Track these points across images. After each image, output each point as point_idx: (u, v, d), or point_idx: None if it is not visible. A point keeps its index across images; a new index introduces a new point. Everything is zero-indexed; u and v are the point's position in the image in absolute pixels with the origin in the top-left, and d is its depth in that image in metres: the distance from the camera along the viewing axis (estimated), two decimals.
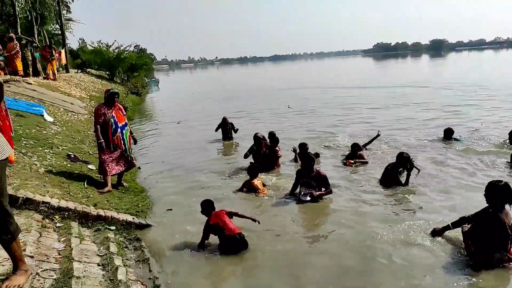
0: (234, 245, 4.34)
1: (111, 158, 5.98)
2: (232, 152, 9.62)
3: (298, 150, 7.84)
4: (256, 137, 7.73)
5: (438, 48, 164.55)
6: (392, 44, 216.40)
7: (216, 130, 10.78)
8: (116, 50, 29.32)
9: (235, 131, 10.79)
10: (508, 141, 8.26)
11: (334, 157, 8.23)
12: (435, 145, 8.68)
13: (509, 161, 6.88)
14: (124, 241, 4.53)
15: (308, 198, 5.62)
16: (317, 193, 5.69)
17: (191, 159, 8.74)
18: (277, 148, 7.60)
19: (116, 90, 6.17)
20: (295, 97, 20.88)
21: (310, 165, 5.86)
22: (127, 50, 30.43)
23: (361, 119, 12.67)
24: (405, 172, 6.21)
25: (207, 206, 4.73)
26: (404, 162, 6.13)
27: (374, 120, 12.36)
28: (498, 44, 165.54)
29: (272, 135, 8.05)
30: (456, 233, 4.34)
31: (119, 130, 6.00)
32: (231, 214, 4.68)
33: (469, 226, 4.11)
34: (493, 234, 3.72)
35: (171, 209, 5.68)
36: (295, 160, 7.90)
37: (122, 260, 3.92)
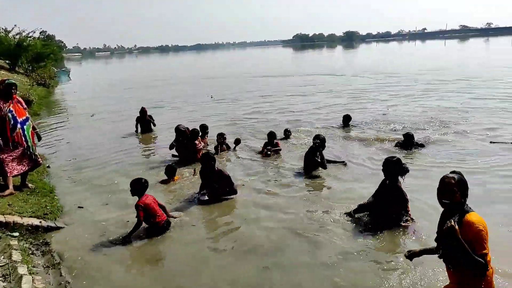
0: (159, 232, 4.51)
1: (11, 158, 5.38)
2: (150, 145, 9.19)
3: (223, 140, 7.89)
4: (177, 130, 7.55)
5: (350, 39, 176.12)
6: (310, 35, 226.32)
7: (136, 126, 10.23)
8: (17, 37, 26.11)
9: (154, 125, 10.37)
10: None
11: (252, 147, 8.36)
12: (335, 132, 9.23)
13: (395, 145, 7.70)
14: (30, 247, 4.16)
15: (206, 198, 5.44)
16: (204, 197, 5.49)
17: (106, 154, 8.24)
18: (196, 142, 7.47)
19: (13, 81, 5.52)
20: (218, 86, 20.88)
21: (209, 165, 5.52)
22: (30, 37, 27.27)
23: (281, 107, 13.14)
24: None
25: (141, 185, 4.61)
26: (321, 144, 6.48)
27: (294, 107, 12.90)
28: (401, 37, 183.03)
29: (202, 128, 8.12)
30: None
31: (19, 125, 5.40)
32: (160, 206, 4.73)
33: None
34: (394, 201, 4.27)
35: (82, 207, 5.40)
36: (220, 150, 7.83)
37: (28, 268, 3.59)
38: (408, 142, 7.40)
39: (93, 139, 9.73)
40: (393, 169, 4.37)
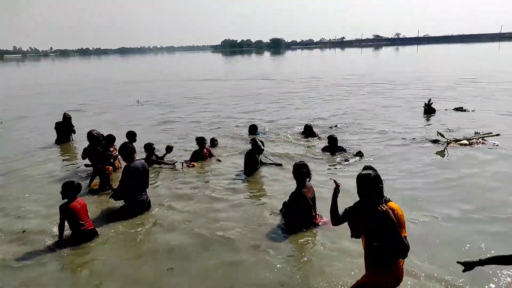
0: (83, 240, 4.42)
1: None
2: (69, 156, 8.57)
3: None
4: (89, 135, 7.01)
5: (277, 46, 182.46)
6: (238, 41, 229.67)
7: (57, 133, 9.39)
8: None
9: (74, 132, 9.64)
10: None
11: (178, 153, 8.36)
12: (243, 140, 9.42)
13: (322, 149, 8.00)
14: None
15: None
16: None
17: (23, 167, 7.61)
18: (111, 148, 7.15)
19: None
20: (143, 91, 20.31)
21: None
22: None
23: (207, 110, 13.24)
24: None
25: (73, 188, 4.47)
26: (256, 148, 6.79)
27: (218, 111, 13.08)
28: (323, 44, 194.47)
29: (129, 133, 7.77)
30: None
31: None
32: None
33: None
34: (300, 206, 4.59)
35: None
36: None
37: None
38: (333, 145, 7.77)
39: (3, 149, 8.86)
40: (299, 172, 4.69)
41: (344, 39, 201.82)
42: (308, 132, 9.25)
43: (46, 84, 28.15)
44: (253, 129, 9.62)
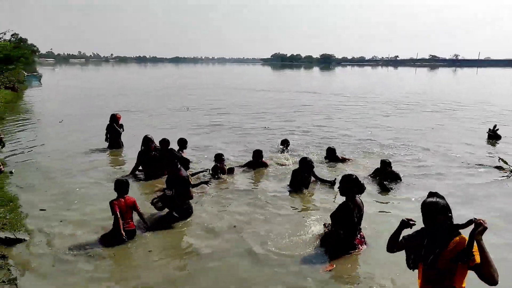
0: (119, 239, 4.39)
1: None
2: (119, 159, 8.68)
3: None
4: (145, 138, 7.18)
5: (327, 62, 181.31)
6: (287, 55, 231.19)
7: (106, 135, 9.26)
8: None
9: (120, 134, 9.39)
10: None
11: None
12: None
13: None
14: None
15: (160, 205, 5.17)
16: (169, 191, 5.14)
17: (72, 163, 7.91)
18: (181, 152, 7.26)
19: None
20: (193, 98, 20.78)
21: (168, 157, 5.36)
22: (0, 38, 26.35)
23: (260, 120, 13.16)
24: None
25: (118, 185, 4.60)
26: (306, 167, 6.52)
27: (269, 124, 12.92)
28: (375, 62, 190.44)
29: (180, 140, 7.85)
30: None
31: None
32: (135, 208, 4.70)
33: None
34: (345, 220, 4.22)
35: (44, 209, 5.30)
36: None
37: None
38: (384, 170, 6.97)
39: (60, 148, 9.28)
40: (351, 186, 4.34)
41: (397, 58, 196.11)
42: (331, 155, 8.23)
43: (102, 87, 29.79)
44: (285, 143, 9.14)
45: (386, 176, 6.84)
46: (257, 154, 7.66)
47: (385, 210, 5.65)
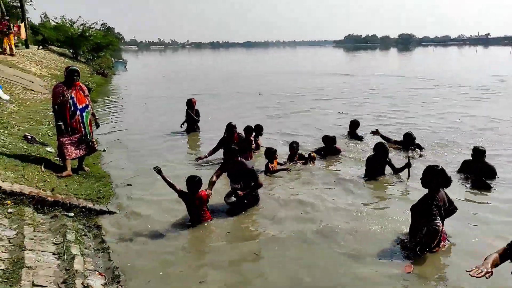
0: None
1: (69, 141, 5.66)
2: (196, 143, 9.03)
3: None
4: (228, 125, 7.31)
5: (406, 43, 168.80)
6: (362, 36, 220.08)
7: (182, 123, 9.61)
8: (81, 27, 27.83)
9: (197, 120, 9.71)
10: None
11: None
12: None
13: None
14: (83, 228, 4.32)
15: (233, 199, 5.04)
16: (241, 192, 4.98)
17: (157, 144, 8.46)
18: (251, 138, 7.27)
19: (76, 68, 5.78)
20: (268, 83, 20.84)
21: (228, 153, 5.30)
22: (92, 28, 28.95)
23: (332, 108, 12.80)
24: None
25: (194, 184, 4.57)
26: (381, 153, 6.19)
27: (345, 111, 12.50)
28: (461, 41, 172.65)
29: (256, 127, 7.80)
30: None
31: (78, 112, 5.65)
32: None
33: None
34: (428, 212, 3.84)
35: (130, 185, 5.74)
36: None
37: (80, 248, 3.73)
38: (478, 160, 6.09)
39: (145, 129, 10.00)
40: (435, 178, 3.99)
41: (489, 36, 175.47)
42: (408, 141, 7.47)
43: (180, 71, 31.33)
44: (354, 125, 8.72)
45: (478, 169, 5.97)
46: (330, 140, 7.46)
47: (478, 210, 5.07)
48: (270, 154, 6.60)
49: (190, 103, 9.67)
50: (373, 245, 4.13)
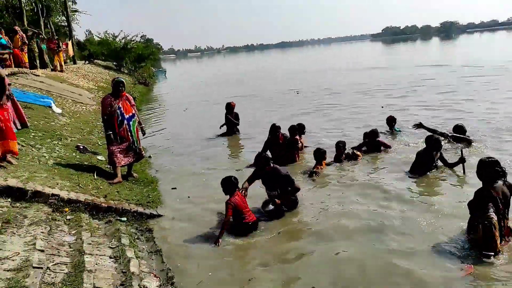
0: (247, 231, 4.44)
1: (119, 149, 5.89)
2: (237, 146, 9.06)
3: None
4: (272, 126, 7.21)
5: (448, 31, 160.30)
6: (401, 28, 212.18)
7: (221, 126, 9.73)
8: (123, 41, 29.20)
9: (237, 124, 9.73)
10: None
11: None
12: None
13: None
14: (135, 232, 4.47)
15: (271, 207, 4.91)
16: (278, 201, 4.81)
17: (199, 149, 8.63)
18: (297, 138, 7.16)
19: (121, 79, 6.02)
20: (305, 82, 20.63)
21: (258, 162, 5.12)
22: (133, 40, 30.27)
23: (376, 103, 12.39)
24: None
25: (231, 184, 4.52)
26: (433, 146, 5.87)
27: (392, 105, 12.02)
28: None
29: (299, 126, 7.66)
30: None
31: (125, 121, 5.87)
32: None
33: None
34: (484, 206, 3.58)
35: (175, 188, 5.92)
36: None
37: (134, 252, 3.85)
38: None
39: (187, 134, 10.24)
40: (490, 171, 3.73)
41: None
42: (459, 132, 7.14)
43: (218, 77, 31.83)
44: (390, 122, 8.42)
45: None
46: (371, 134, 7.18)
47: None
48: (320, 155, 6.44)
49: (229, 107, 9.76)
50: (427, 244, 3.90)
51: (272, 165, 5.04)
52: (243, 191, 4.84)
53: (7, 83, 5.00)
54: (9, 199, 4.06)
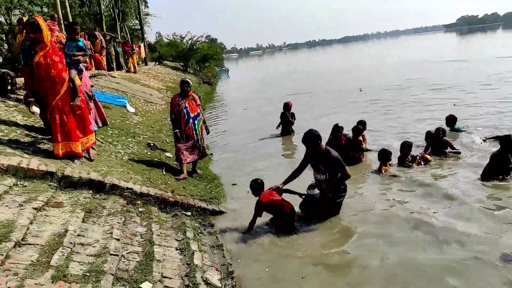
0: (291, 222, 4.58)
1: (185, 147, 6.23)
2: (290, 146, 9.03)
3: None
4: (335, 127, 7.12)
5: None
6: (479, 17, 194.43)
7: (278, 125, 9.72)
8: (189, 42, 30.57)
9: (292, 123, 9.73)
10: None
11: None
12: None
13: None
14: (199, 226, 4.72)
15: (317, 192, 4.76)
16: (325, 185, 4.63)
17: (258, 147, 8.83)
18: (360, 139, 6.93)
19: (188, 79, 6.35)
20: (368, 79, 19.91)
21: (306, 142, 4.72)
22: (199, 41, 31.55)
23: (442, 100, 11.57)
24: None
25: (256, 186, 4.86)
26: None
27: (460, 102, 11.17)
28: None
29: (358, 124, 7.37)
30: None
31: (191, 120, 6.20)
32: (280, 191, 4.82)
33: None
34: None
35: (235, 184, 6.15)
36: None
37: (198, 245, 4.07)
38: None
39: (246, 131, 10.57)
40: None
41: None
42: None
43: (279, 77, 31.95)
44: (450, 122, 7.91)
45: None
46: (434, 134, 6.76)
47: None
48: (385, 155, 6.20)
49: (287, 106, 9.81)
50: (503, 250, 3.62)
51: (324, 146, 4.76)
52: (275, 187, 4.85)
53: (79, 86, 5.26)
54: (91, 191, 4.53)
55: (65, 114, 4.95)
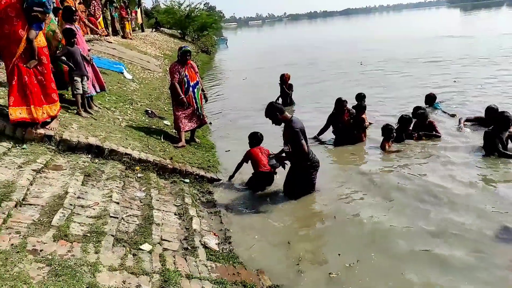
0: (262, 180, 4.96)
1: (184, 115, 6.20)
2: (293, 114, 9.00)
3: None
4: (338, 100, 6.83)
5: None
6: None
7: (277, 99, 9.44)
8: (187, 9, 29.72)
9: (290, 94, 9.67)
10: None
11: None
12: None
13: None
14: (197, 193, 4.78)
15: (274, 162, 4.69)
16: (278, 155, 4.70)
17: (255, 116, 8.75)
18: (363, 116, 6.68)
19: (189, 48, 6.25)
20: (369, 52, 19.62)
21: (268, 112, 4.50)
22: (197, 8, 30.69)
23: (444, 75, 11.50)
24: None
25: (255, 137, 5.30)
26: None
27: (460, 78, 11.11)
28: None
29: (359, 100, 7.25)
30: None
31: (191, 89, 6.13)
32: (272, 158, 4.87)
33: None
34: None
35: (229, 150, 6.35)
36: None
37: (196, 211, 4.14)
38: None
39: (245, 103, 10.44)
40: None
41: None
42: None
43: (276, 46, 31.39)
44: (429, 100, 7.88)
45: None
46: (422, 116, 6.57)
47: None
48: (388, 132, 6.05)
49: (283, 78, 9.74)
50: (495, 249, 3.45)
51: (290, 116, 4.52)
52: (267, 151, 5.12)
53: (38, 48, 4.35)
54: (89, 155, 4.53)
55: (27, 75, 4.26)
